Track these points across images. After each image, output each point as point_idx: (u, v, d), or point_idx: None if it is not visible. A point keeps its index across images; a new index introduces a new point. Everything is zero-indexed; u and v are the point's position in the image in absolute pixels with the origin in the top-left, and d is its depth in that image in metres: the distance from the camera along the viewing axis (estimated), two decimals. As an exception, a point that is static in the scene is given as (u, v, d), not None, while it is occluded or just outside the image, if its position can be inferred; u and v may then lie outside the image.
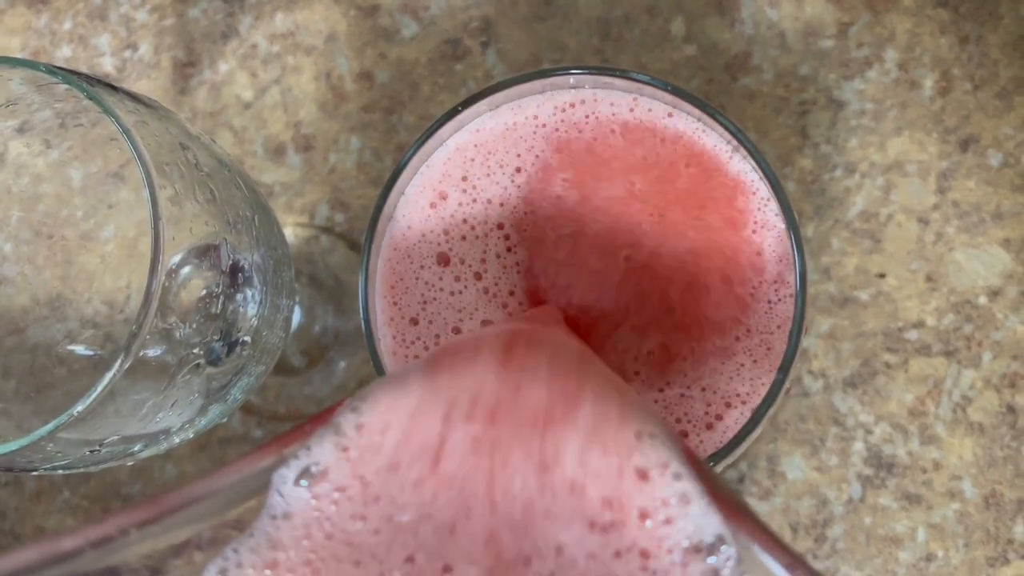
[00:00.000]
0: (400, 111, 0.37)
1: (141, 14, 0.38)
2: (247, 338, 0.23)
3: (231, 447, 0.36)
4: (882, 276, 0.34)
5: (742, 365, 0.19)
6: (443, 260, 0.20)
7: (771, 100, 0.35)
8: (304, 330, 0.35)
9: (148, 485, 0.37)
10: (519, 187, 0.20)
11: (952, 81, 0.35)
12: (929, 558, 0.33)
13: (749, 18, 0.35)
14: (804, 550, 0.34)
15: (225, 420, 0.25)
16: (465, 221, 0.20)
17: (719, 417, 0.19)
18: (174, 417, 0.22)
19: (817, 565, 0.34)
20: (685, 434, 0.19)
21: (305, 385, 0.36)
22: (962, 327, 0.34)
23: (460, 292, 0.20)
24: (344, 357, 0.36)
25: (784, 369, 0.18)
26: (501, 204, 0.20)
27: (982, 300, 0.34)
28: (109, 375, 0.20)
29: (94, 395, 0.20)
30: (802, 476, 0.34)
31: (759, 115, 0.35)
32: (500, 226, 0.20)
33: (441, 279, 0.20)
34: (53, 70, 0.20)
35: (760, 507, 0.34)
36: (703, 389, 0.19)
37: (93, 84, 0.20)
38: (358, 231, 0.36)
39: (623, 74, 0.20)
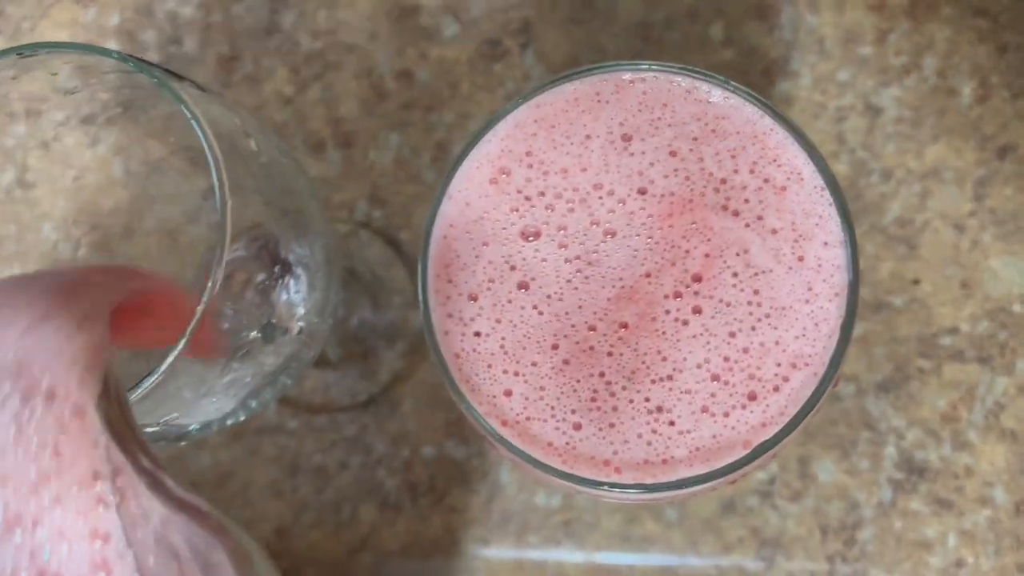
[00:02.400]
0: (439, 109, 0.37)
1: (187, 10, 0.38)
2: (300, 324, 0.24)
3: (266, 436, 0.36)
4: (917, 282, 0.34)
5: (805, 328, 0.20)
6: (524, 235, 0.20)
7: (809, 105, 0.35)
8: (341, 323, 0.36)
9: (181, 473, 0.38)
10: (590, 154, 0.20)
11: (990, 89, 0.35)
12: (959, 564, 0.33)
13: (788, 23, 0.36)
14: (833, 552, 0.34)
15: (270, 406, 0.25)
16: (542, 194, 0.21)
17: (786, 379, 0.19)
18: (228, 400, 0.23)
19: (846, 568, 0.34)
20: (754, 396, 0.20)
21: (342, 378, 0.36)
22: (996, 334, 0.34)
23: (541, 266, 0.20)
24: (380, 350, 0.36)
25: (846, 329, 0.19)
26: (571, 174, 0.21)
27: (1017, 308, 0.34)
28: (169, 359, 0.20)
29: (154, 377, 0.20)
30: (833, 479, 0.34)
31: (796, 120, 0.35)
32: (575, 189, 0.21)
33: (520, 252, 0.20)
34: (125, 57, 0.21)
35: (790, 509, 0.34)
36: (776, 343, 0.20)
37: (163, 72, 0.21)
38: (395, 227, 0.37)
39: (688, 70, 0.20)
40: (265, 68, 0.38)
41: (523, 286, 0.21)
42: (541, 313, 0.20)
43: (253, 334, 0.22)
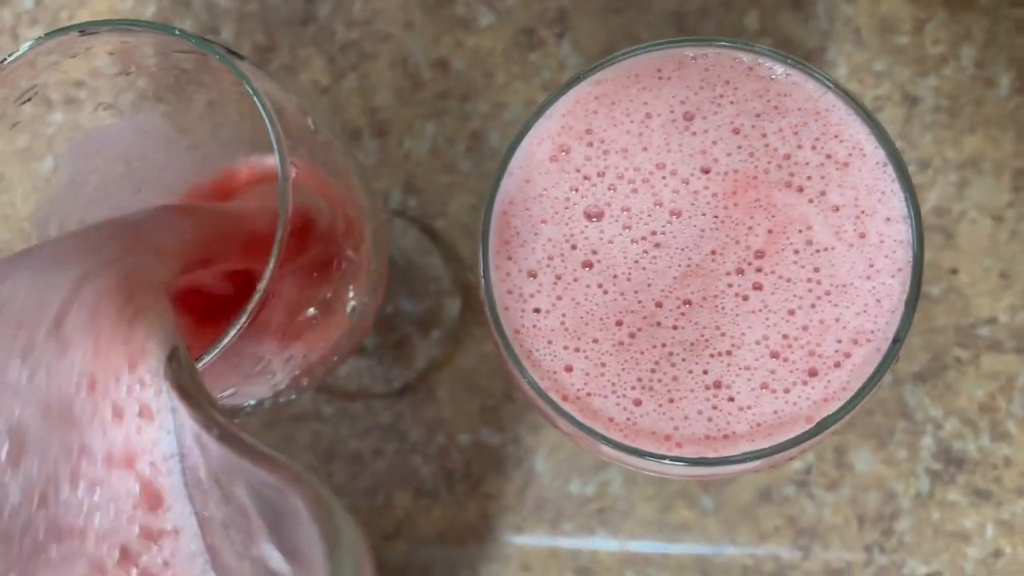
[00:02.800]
0: (474, 99, 0.37)
1: (224, 0, 0.39)
2: (352, 303, 0.24)
3: (301, 423, 0.36)
4: (954, 272, 0.34)
5: (867, 304, 0.20)
6: (587, 215, 0.20)
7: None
8: (377, 310, 0.36)
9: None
10: (651, 133, 0.20)
11: (1028, 79, 0.35)
12: (997, 554, 0.33)
13: (824, 13, 0.36)
14: (871, 542, 0.34)
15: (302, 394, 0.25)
16: (601, 174, 0.21)
17: (847, 355, 0.19)
18: (282, 377, 0.23)
19: (883, 559, 0.34)
20: (815, 372, 0.20)
21: (377, 365, 0.36)
22: (1035, 324, 0.34)
23: (606, 246, 0.20)
24: (416, 338, 0.36)
25: (910, 304, 0.19)
26: (632, 153, 0.21)
27: (1055, 298, 0.34)
28: (232, 331, 0.20)
29: (216, 350, 0.20)
30: (870, 469, 0.34)
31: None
32: (637, 169, 0.21)
33: (583, 232, 0.20)
34: (187, 34, 0.21)
35: (827, 498, 0.34)
36: (837, 320, 0.20)
37: (225, 50, 0.21)
38: (430, 215, 0.37)
39: (750, 46, 0.20)
40: (301, 58, 0.38)
41: (587, 265, 0.21)
42: (606, 292, 0.20)
43: (311, 311, 0.22)
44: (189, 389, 0.16)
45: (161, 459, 0.16)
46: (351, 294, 0.24)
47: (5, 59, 0.22)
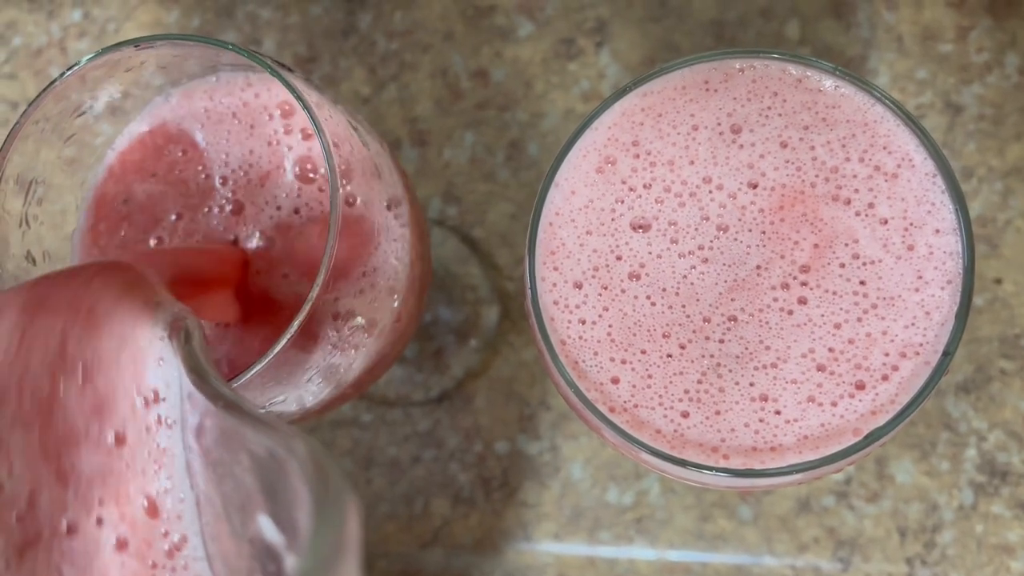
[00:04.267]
0: (513, 108, 0.37)
1: (266, 11, 0.39)
2: (399, 311, 0.24)
3: (341, 429, 0.37)
4: (999, 282, 0.34)
5: (915, 317, 0.19)
6: (633, 227, 0.20)
7: (887, 103, 0.35)
8: (416, 318, 0.36)
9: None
10: (698, 146, 0.20)
11: (1075, 87, 0.34)
12: (1043, 569, 0.33)
13: (865, 21, 0.36)
14: (913, 555, 0.33)
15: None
16: (648, 186, 0.21)
17: (895, 368, 0.19)
18: (328, 386, 0.23)
19: (926, 572, 0.33)
20: (862, 385, 0.20)
21: (416, 373, 0.36)
22: (1082, 335, 0.33)
23: (655, 260, 0.21)
24: (454, 346, 0.36)
25: (961, 316, 0.19)
26: (678, 166, 0.21)
27: (1103, 308, 0.33)
28: (282, 341, 0.20)
29: (266, 359, 0.20)
30: (912, 480, 0.34)
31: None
32: (684, 182, 0.21)
33: (628, 243, 0.21)
34: (240, 49, 0.21)
35: (867, 510, 0.34)
36: (884, 333, 0.19)
37: (276, 63, 0.21)
38: (469, 224, 0.37)
39: (799, 58, 0.20)
40: (342, 68, 0.38)
41: (634, 276, 0.21)
42: (654, 304, 0.21)
43: (358, 320, 0.22)
44: (198, 365, 0.17)
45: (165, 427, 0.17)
46: (396, 303, 0.24)
47: (63, 74, 0.23)
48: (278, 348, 0.20)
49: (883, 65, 0.35)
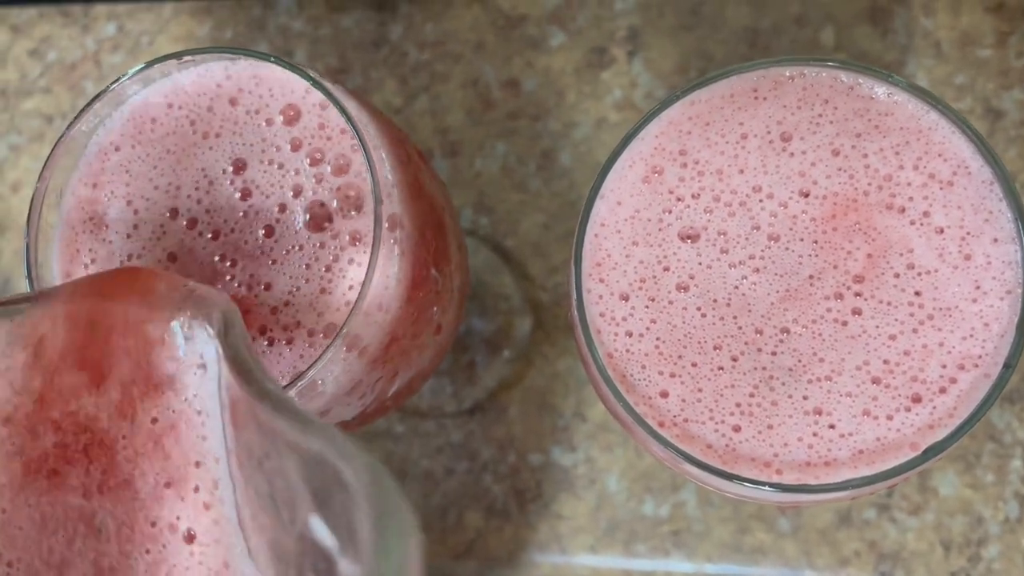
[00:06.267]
0: (545, 118, 0.37)
1: (297, 24, 0.39)
2: (439, 323, 0.24)
3: (374, 441, 0.37)
4: (1043, 290, 0.33)
5: (973, 328, 0.19)
6: (681, 237, 0.20)
7: (925, 109, 0.35)
8: (449, 329, 0.36)
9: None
10: (747, 154, 0.20)
11: (1119, 91, 0.34)
12: (1093, 584, 0.32)
13: (902, 27, 0.35)
14: (957, 569, 0.33)
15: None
16: (696, 196, 0.20)
17: (953, 380, 0.19)
18: (370, 398, 0.23)
19: (970, 586, 0.33)
20: (918, 398, 0.19)
21: (449, 384, 0.36)
22: None
23: (705, 271, 0.20)
24: (487, 357, 0.36)
25: (1022, 326, 0.18)
26: (727, 175, 0.20)
27: None
28: (327, 352, 0.20)
29: (312, 370, 0.20)
30: (955, 493, 0.33)
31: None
32: (734, 192, 0.20)
33: (676, 254, 0.20)
34: (281, 60, 0.21)
35: (910, 523, 0.33)
36: (941, 344, 0.19)
37: (320, 78, 0.21)
38: (501, 234, 0.37)
39: (852, 65, 0.20)
40: (374, 79, 0.38)
41: (682, 288, 0.20)
42: (704, 315, 0.20)
43: (400, 328, 0.22)
44: (243, 363, 0.17)
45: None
46: (436, 314, 0.24)
47: (109, 86, 0.23)
48: (322, 360, 0.20)
49: (921, 71, 0.35)
